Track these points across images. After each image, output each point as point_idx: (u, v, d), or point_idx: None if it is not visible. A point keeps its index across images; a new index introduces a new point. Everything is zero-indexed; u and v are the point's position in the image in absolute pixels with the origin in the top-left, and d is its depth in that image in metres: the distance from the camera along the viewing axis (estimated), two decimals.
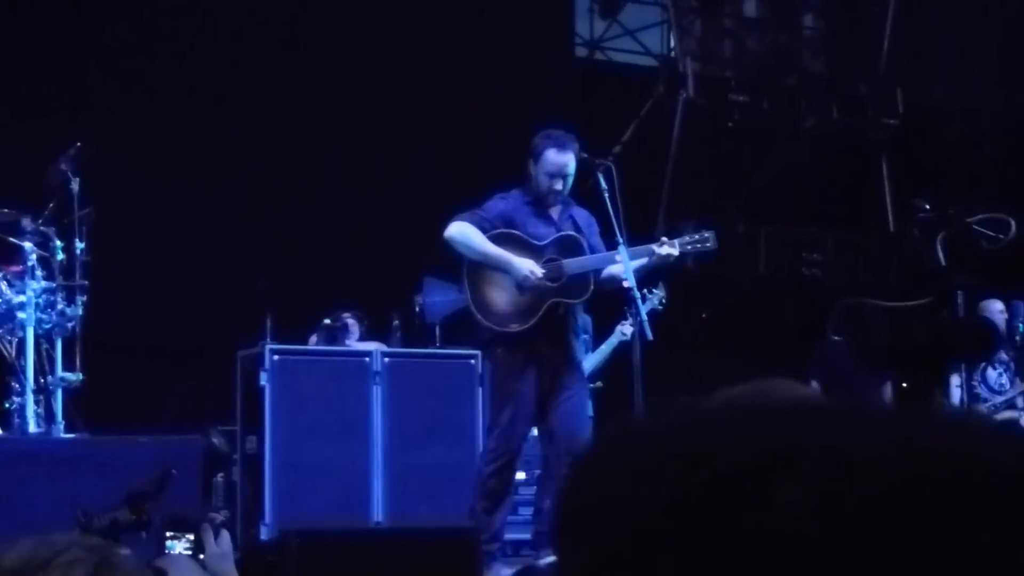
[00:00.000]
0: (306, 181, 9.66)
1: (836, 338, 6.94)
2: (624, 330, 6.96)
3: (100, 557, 1.38)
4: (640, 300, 5.63)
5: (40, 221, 6.46)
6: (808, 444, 0.60)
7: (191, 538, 3.21)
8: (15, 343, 6.28)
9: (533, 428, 5.89)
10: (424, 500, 6.61)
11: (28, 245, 6.36)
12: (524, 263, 5.62)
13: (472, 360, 6.93)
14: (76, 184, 6.51)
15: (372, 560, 4.36)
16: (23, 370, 6.21)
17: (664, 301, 6.88)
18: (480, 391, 6.92)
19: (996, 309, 7.91)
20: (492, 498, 5.67)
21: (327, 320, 7.76)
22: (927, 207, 5.61)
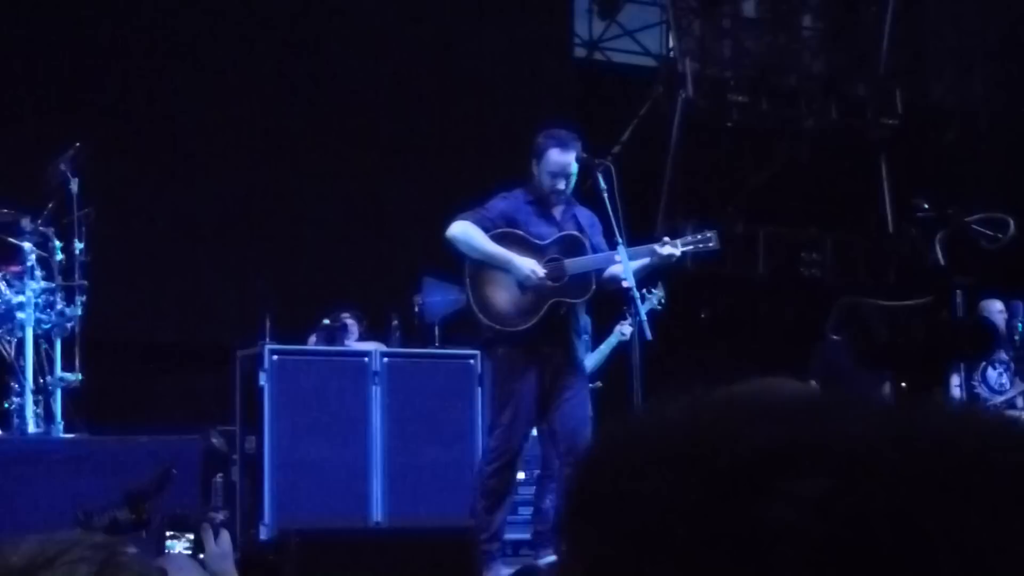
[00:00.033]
0: (305, 181, 9.66)
1: (835, 337, 6.92)
2: (623, 330, 6.95)
3: (106, 555, 1.38)
4: (639, 300, 5.62)
5: (39, 221, 6.46)
6: (814, 439, 0.60)
7: (191, 538, 3.21)
8: (14, 343, 6.28)
9: (534, 428, 5.89)
10: (423, 500, 6.61)
11: (27, 245, 6.36)
12: (526, 262, 5.61)
13: (471, 360, 6.93)
14: (75, 184, 6.51)
15: (371, 560, 4.36)
16: (22, 370, 6.21)
17: (663, 301, 6.87)
18: (479, 391, 6.91)
19: (996, 309, 7.92)
20: (493, 497, 5.67)
21: (326, 320, 7.76)
22: (926, 206, 5.60)
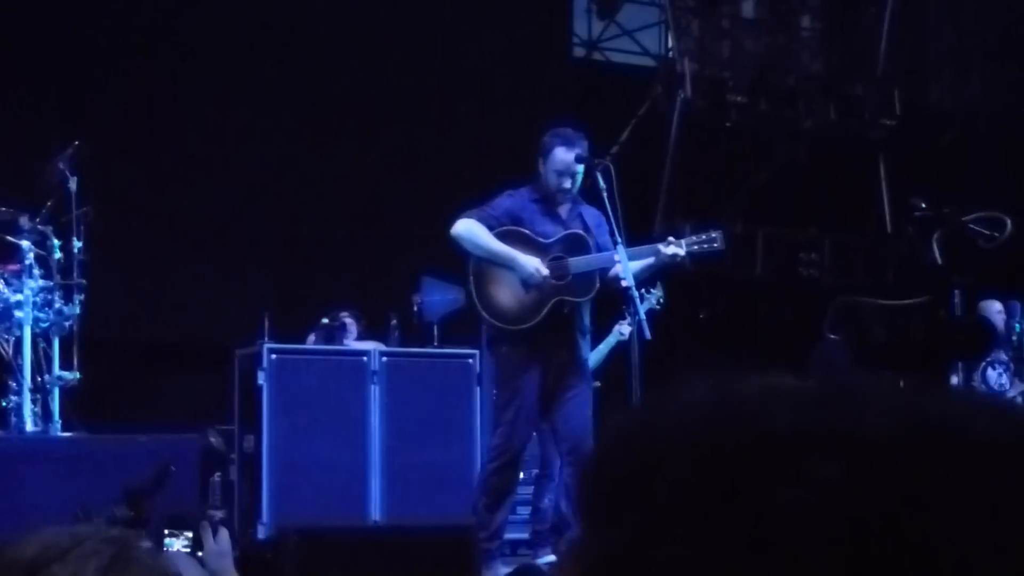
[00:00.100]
0: (304, 180, 9.66)
1: (832, 336, 6.91)
2: (622, 330, 6.95)
3: (117, 550, 1.38)
4: (638, 300, 5.62)
5: (38, 220, 6.46)
6: (830, 423, 0.61)
7: (189, 535, 3.21)
8: (12, 342, 6.28)
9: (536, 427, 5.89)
10: (421, 499, 6.61)
11: (26, 244, 6.36)
12: (529, 260, 5.61)
13: (470, 359, 6.93)
14: (74, 183, 6.51)
15: (370, 558, 4.36)
16: (20, 369, 6.21)
17: (662, 301, 6.87)
18: (478, 390, 6.91)
19: (995, 309, 7.93)
20: (494, 495, 5.67)
21: (325, 319, 7.75)
22: (923, 206, 5.60)
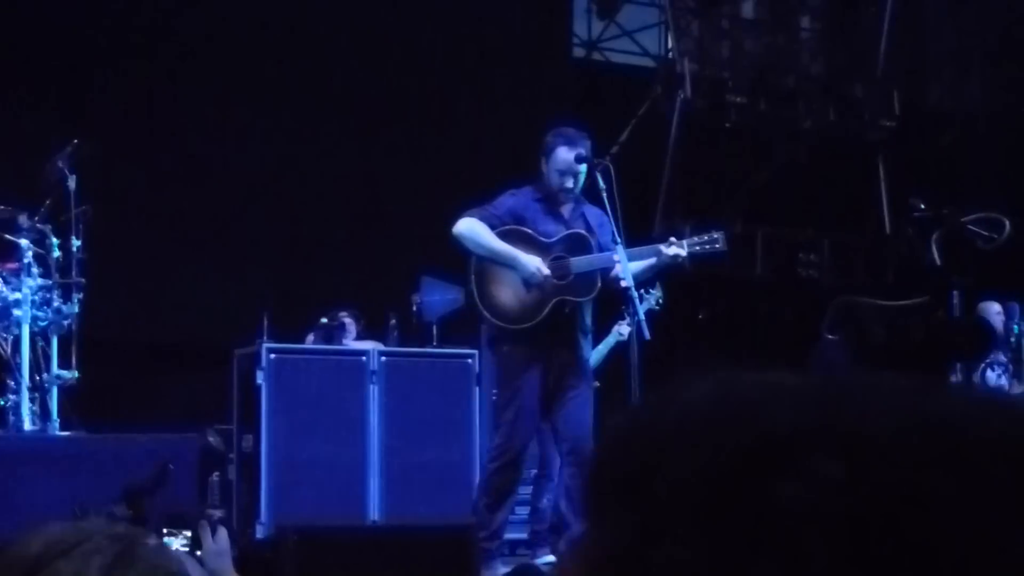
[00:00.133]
0: (304, 180, 9.65)
1: (830, 336, 6.92)
2: (621, 330, 6.94)
3: (123, 547, 1.37)
4: (637, 300, 5.61)
5: (36, 218, 6.45)
6: (833, 420, 0.61)
7: (188, 535, 3.20)
8: (11, 340, 6.27)
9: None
10: (420, 499, 6.60)
11: (24, 242, 6.35)
12: (531, 260, 5.60)
13: (469, 359, 6.92)
14: (73, 181, 6.50)
15: (369, 558, 4.35)
16: (18, 367, 6.20)
17: (661, 301, 6.86)
18: (477, 390, 6.91)
19: (993, 311, 7.94)
20: (495, 495, 5.66)
21: (324, 319, 7.75)
22: (922, 206, 5.60)
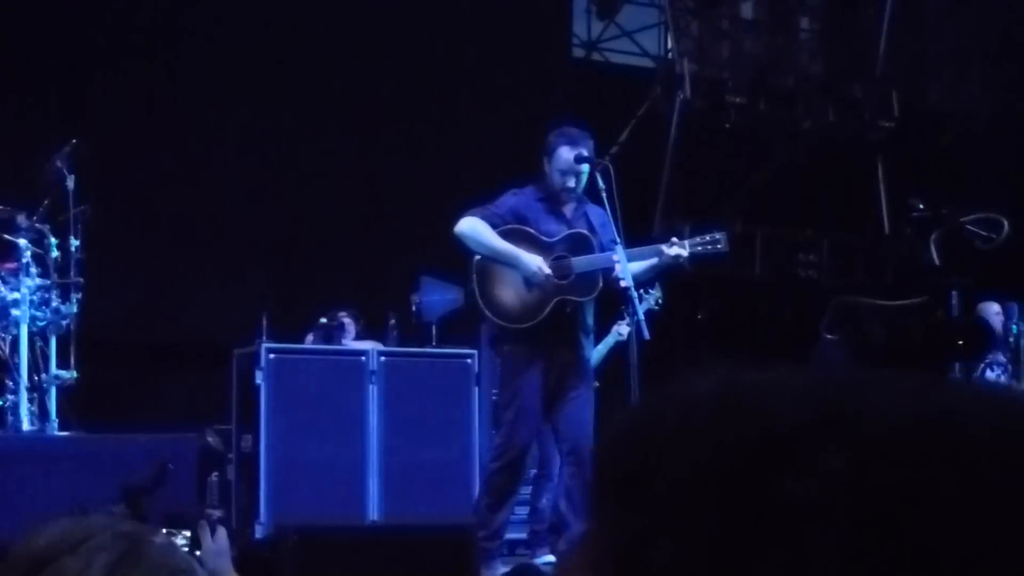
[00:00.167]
0: (303, 180, 9.65)
1: (829, 336, 6.91)
2: (620, 330, 6.94)
3: (129, 544, 1.37)
4: (637, 300, 5.61)
5: (35, 218, 6.45)
6: (839, 415, 0.61)
7: (187, 534, 3.20)
8: (9, 340, 6.26)
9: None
10: (419, 499, 6.60)
11: (23, 242, 6.34)
12: (532, 259, 5.60)
13: (468, 359, 6.92)
14: (71, 181, 6.50)
15: (369, 558, 4.35)
16: (17, 368, 6.20)
17: (660, 301, 6.86)
18: (476, 390, 6.91)
19: (993, 311, 7.94)
20: (496, 495, 5.66)
21: (323, 319, 7.75)
22: (921, 206, 5.60)
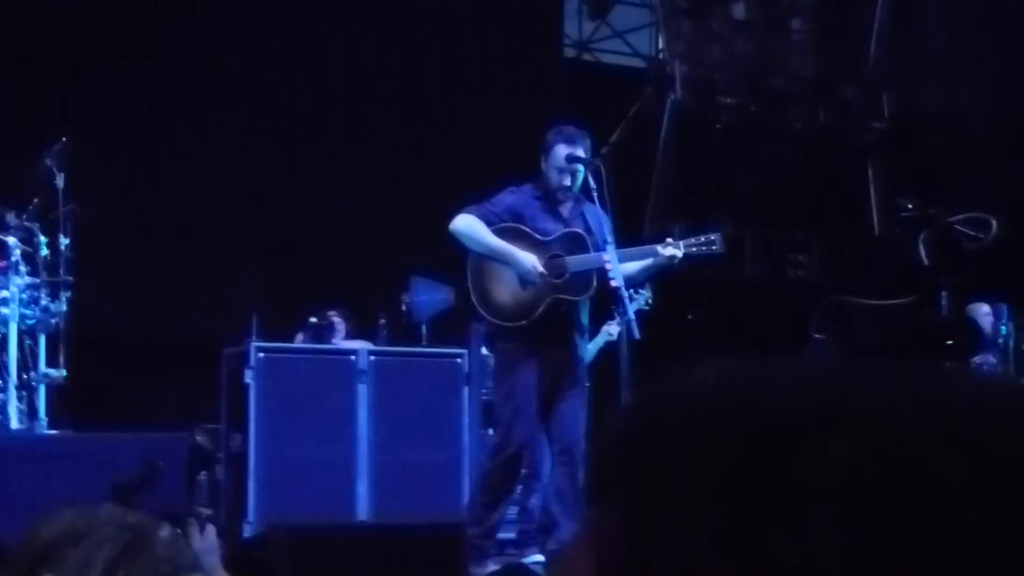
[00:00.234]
0: (293, 179, 9.65)
1: (818, 336, 6.93)
2: (610, 330, 6.95)
3: (132, 537, 1.37)
4: (627, 300, 5.61)
5: (25, 216, 6.44)
6: (843, 402, 0.62)
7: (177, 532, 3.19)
8: None
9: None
10: (409, 499, 6.59)
11: (12, 240, 6.33)
12: (527, 257, 5.60)
13: (458, 359, 6.91)
14: (61, 179, 6.49)
15: (361, 556, 4.35)
16: (5, 366, 6.19)
17: (650, 301, 6.87)
18: (466, 390, 6.90)
19: (982, 312, 7.95)
20: (491, 494, 5.66)
21: (313, 318, 7.74)
22: (910, 206, 5.62)
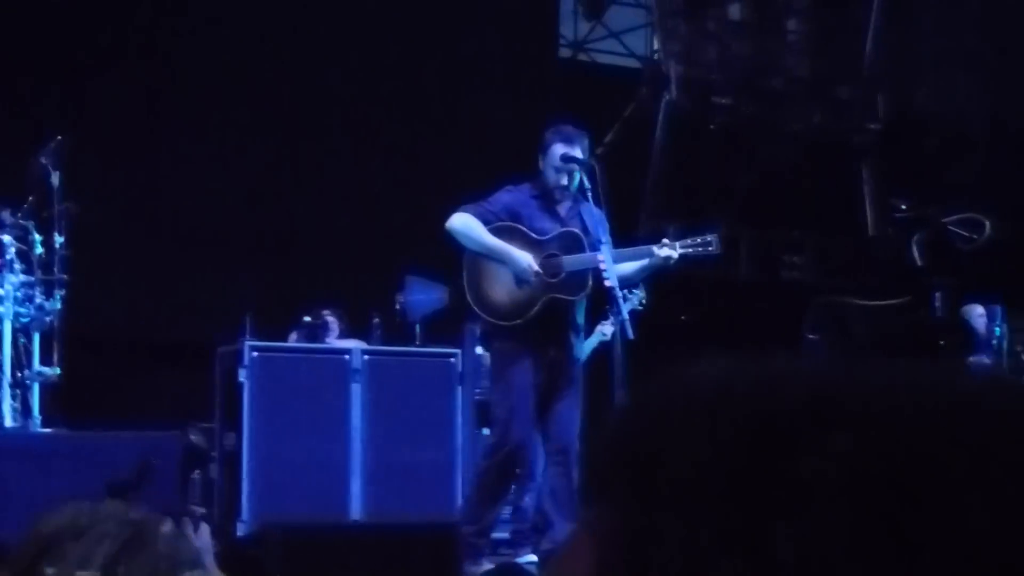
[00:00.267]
0: (288, 179, 9.64)
1: (811, 336, 6.95)
2: (604, 330, 6.94)
3: (134, 532, 1.37)
4: (621, 300, 5.61)
5: (19, 214, 6.43)
6: (841, 397, 0.62)
7: None
8: None
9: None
10: (402, 498, 6.59)
11: (7, 238, 6.33)
12: (523, 256, 5.60)
13: (452, 359, 6.91)
14: (56, 178, 6.48)
15: (354, 555, 4.35)
16: (0, 364, 6.18)
17: (644, 302, 6.87)
18: (460, 390, 6.90)
19: (977, 313, 7.98)
20: (486, 492, 5.66)
21: (307, 317, 7.74)
22: (903, 207, 5.62)
